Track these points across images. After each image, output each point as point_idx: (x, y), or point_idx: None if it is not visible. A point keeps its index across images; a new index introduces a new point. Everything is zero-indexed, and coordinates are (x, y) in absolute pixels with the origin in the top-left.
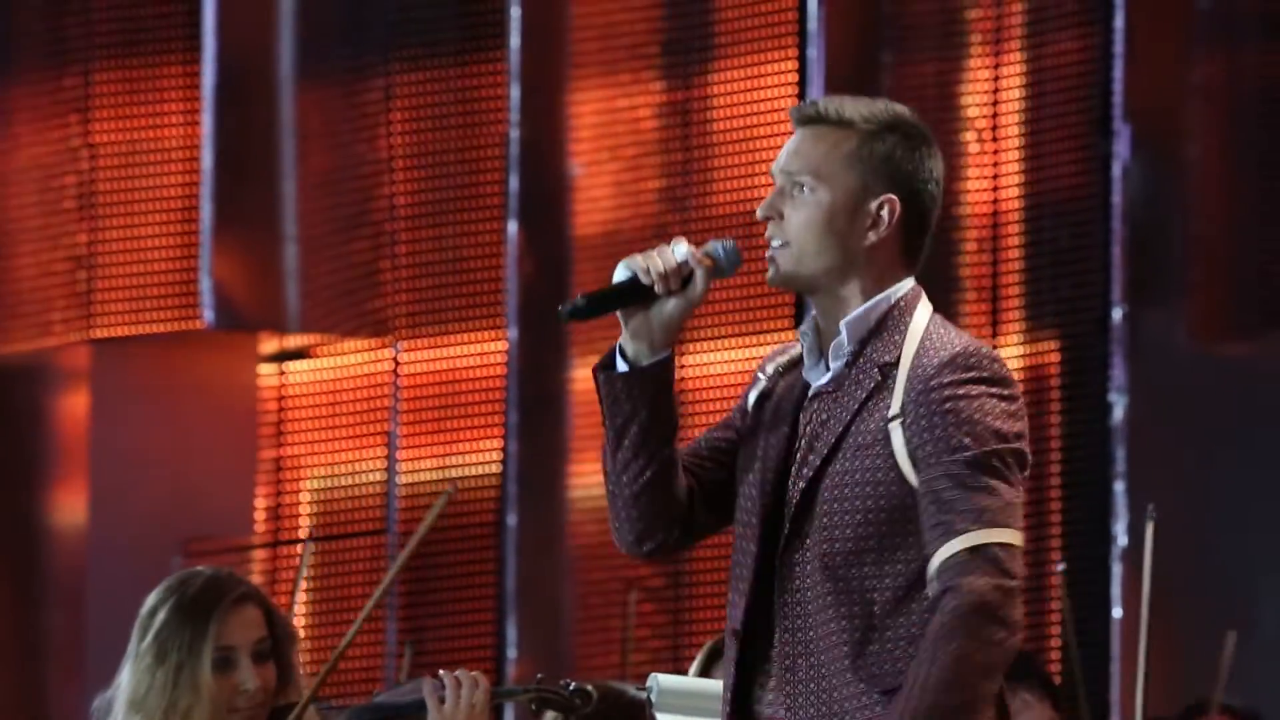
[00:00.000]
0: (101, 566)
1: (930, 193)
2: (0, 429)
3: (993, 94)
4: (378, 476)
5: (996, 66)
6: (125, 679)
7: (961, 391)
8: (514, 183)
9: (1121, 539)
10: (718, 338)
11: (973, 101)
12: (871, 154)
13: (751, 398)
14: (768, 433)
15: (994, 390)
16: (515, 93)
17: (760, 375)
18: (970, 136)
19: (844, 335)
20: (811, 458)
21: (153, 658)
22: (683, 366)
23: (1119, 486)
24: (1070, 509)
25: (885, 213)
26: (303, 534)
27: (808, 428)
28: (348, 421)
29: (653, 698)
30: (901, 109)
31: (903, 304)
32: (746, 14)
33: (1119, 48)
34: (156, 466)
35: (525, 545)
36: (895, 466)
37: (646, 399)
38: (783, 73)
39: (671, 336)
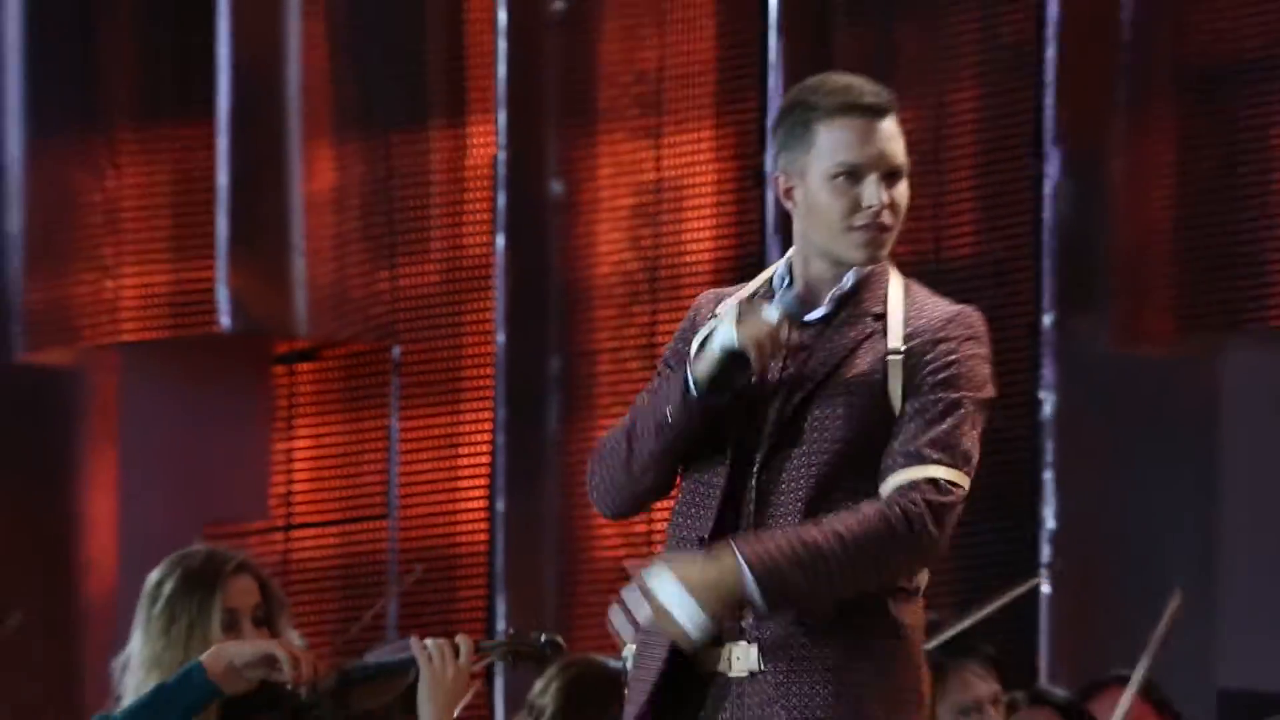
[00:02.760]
0: (130, 547)
1: None
2: (39, 425)
3: (936, 120)
4: (378, 465)
5: (940, 94)
6: (137, 644)
7: (965, 349)
8: (501, 200)
9: (1050, 522)
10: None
11: (917, 128)
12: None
13: (699, 339)
14: None
15: (982, 350)
16: (502, 118)
17: (714, 320)
18: (914, 159)
19: (848, 280)
20: (799, 388)
21: (165, 621)
22: None
23: (1048, 475)
24: (1004, 496)
25: None
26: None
27: (790, 360)
28: (351, 415)
29: (628, 666)
30: None
31: (881, 265)
32: (710, 49)
33: (1049, 77)
34: (179, 457)
35: (513, 528)
36: (885, 397)
37: (703, 418)
38: (746, 100)
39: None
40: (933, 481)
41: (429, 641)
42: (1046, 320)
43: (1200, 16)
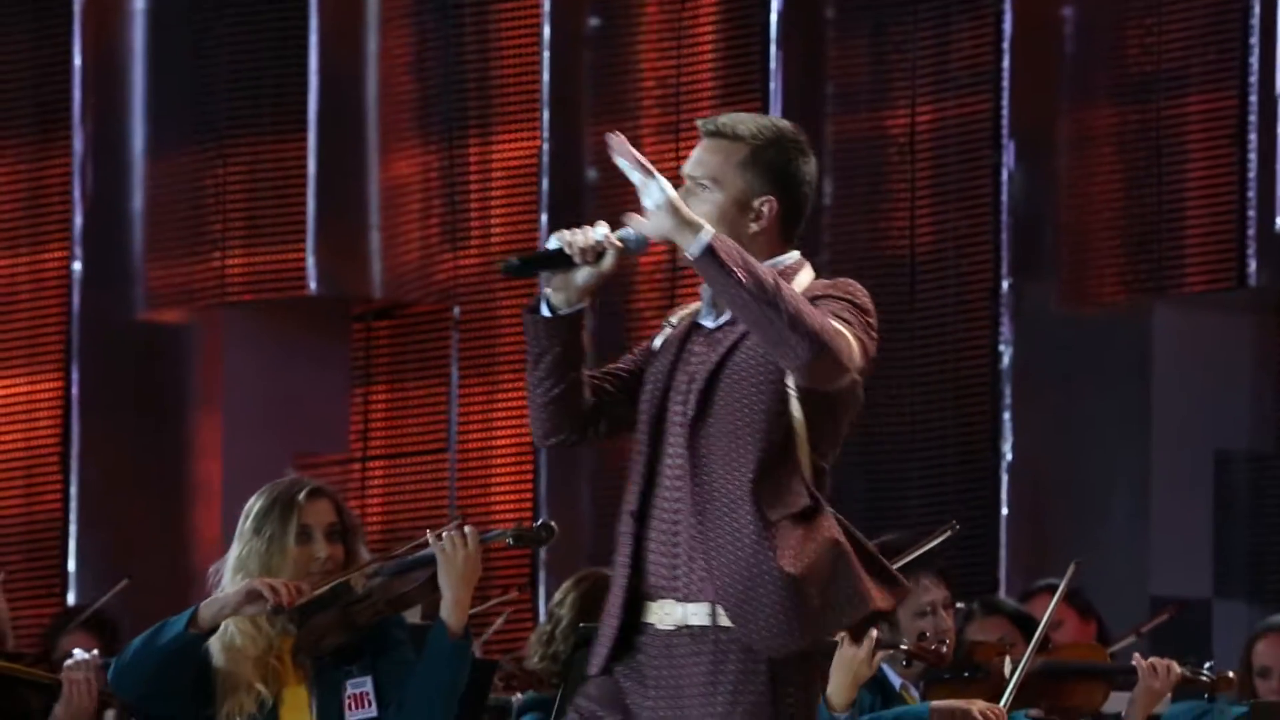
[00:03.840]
0: (232, 475)
1: (804, 192)
2: (157, 373)
3: (911, 120)
4: (440, 406)
5: (913, 98)
6: (232, 553)
7: (837, 306)
8: (544, 185)
9: (1008, 455)
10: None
11: (896, 128)
12: (757, 163)
13: (658, 341)
14: (660, 361)
15: (859, 313)
16: (546, 116)
17: (667, 325)
18: (893, 151)
19: None
20: (711, 356)
21: (252, 534)
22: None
23: (1006, 415)
24: (968, 433)
25: (766, 209)
26: None
27: (699, 346)
28: (418, 365)
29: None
30: (785, 125)
31: (790, 266)
32: (719, 59)
33: (1005, 82)
34: (273, 400)
35: (554, 459)
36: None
37: (560, 338)
38: (750, 101)
39: (585, 296)
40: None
41: (443, 534)
42: (1004, 285)
43: (1131, 34)
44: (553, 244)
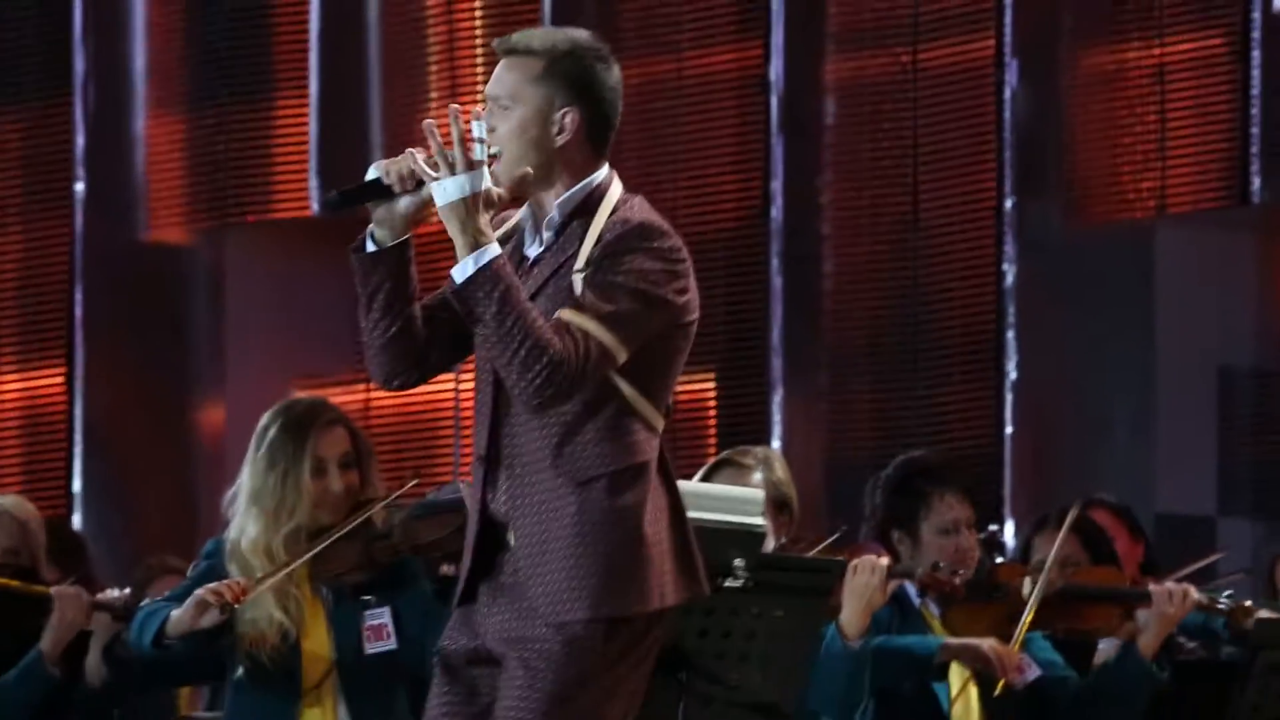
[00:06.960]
0: (234, 398)
1: (606, 99)
2: (159, 295)
3: (914, 37)
4: None
5: (916, 19)
6: (245, 479)
7: (635, 256)
8: None
9: (1012, 373)
10: None
11: (900, 44)
12: (553, 75)
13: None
14: None
15: (660, 259)
16: None
17: None
18: (896, 70)
19: (555, 212)
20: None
21: (266, 464)
22: None
23: (1010, 333)
24: (973, 350)
25: (568, 120)
26: None
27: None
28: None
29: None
30: (579, 34)
31: (601, 186)
32: (716, 8)
33: (1009, 1)
34: (278, 320)
35: None
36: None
37: (390, 272)
38: (756, 23)
39: (408, 226)
40: (584, 332)
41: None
42: (1008, 204)
43: None
44: (371, 174)
